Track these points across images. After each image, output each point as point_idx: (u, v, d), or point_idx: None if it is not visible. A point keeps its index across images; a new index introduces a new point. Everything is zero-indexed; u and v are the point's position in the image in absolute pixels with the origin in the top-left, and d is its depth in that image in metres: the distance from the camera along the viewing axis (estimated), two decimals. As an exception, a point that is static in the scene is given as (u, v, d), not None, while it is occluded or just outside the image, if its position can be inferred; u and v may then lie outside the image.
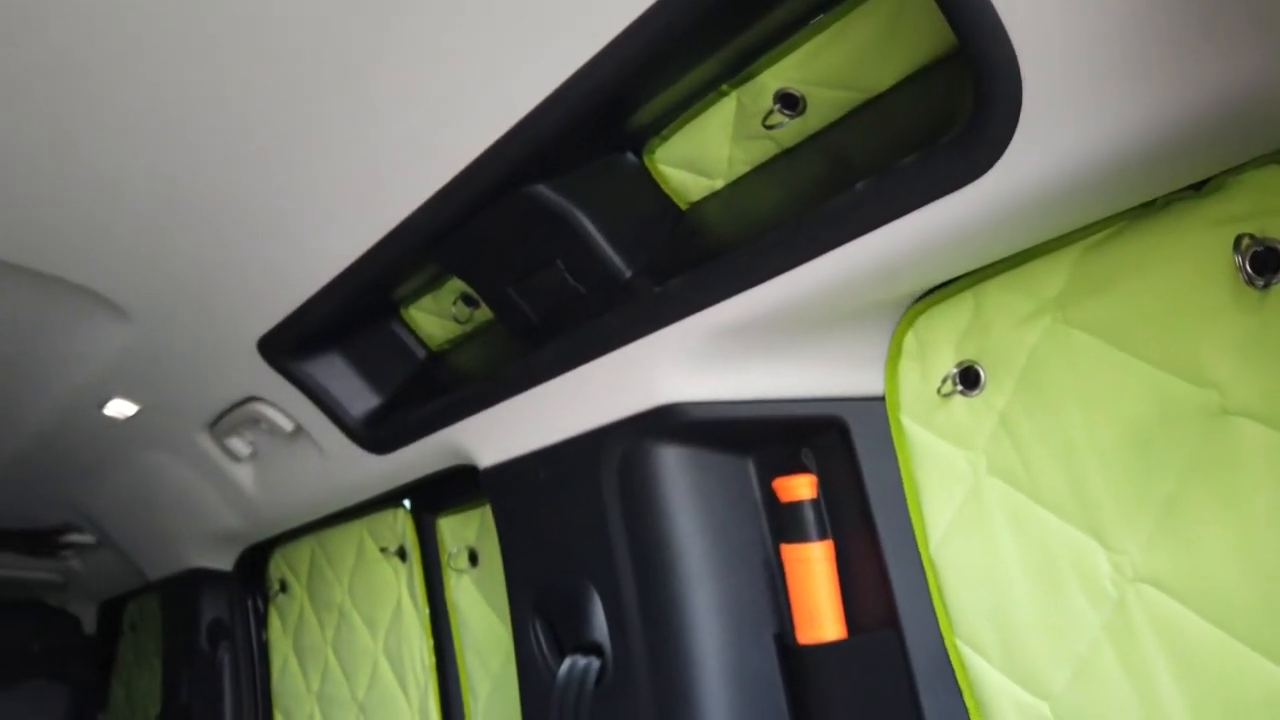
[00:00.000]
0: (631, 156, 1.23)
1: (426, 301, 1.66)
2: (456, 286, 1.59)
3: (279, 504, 2.16)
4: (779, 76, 1.07)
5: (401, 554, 2.04)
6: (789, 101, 1.08)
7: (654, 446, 1.21)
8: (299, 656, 2.46)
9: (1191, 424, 0.89)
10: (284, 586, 2.53)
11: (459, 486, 1.89)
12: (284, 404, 1.82)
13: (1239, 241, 0.83)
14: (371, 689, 2.16)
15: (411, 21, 0.93)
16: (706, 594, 1.19)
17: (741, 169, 1.17)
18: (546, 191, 1.16)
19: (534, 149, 1.06)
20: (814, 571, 1.16)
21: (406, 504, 2.05)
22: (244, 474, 2.17)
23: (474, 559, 1.92)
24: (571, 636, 1.32)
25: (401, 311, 1.71)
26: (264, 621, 2.62)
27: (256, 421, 1.93)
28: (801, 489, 1.17)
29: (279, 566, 2.56)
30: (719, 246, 1.07)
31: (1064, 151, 0.77)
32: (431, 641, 1.97)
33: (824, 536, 1.17)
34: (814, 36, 1.03)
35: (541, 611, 1.38)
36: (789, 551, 1.18)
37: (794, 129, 1.10)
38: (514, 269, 1.29)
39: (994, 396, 1.05)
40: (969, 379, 1.07)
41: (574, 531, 1.32)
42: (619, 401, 1.23)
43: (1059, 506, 0.99)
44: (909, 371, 1.13)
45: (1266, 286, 0.83)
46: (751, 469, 1.26)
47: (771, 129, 1.10)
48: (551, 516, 1.36)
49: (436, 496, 1.98)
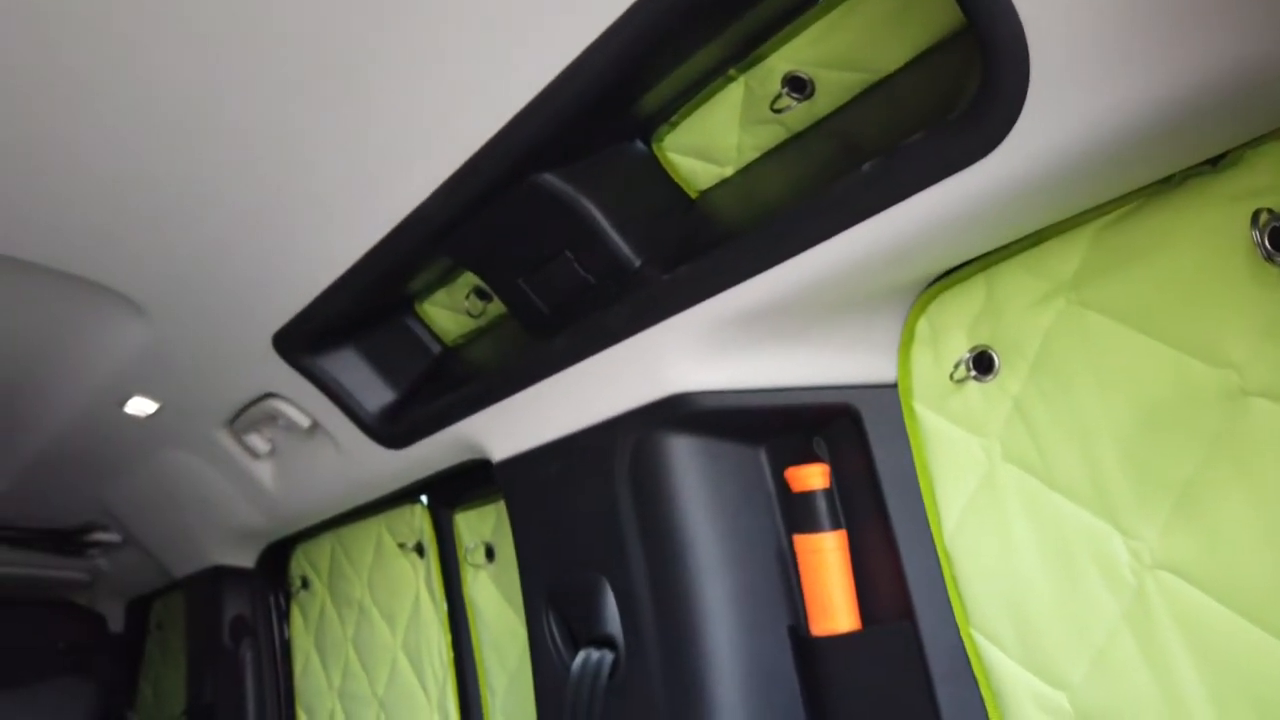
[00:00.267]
0: (640, 145, 1.22)
1: (440, 296, 1.66)
2: (469, 280, 1.59)
3: (298, 500, 2.17)
4: (786, 59, 1.06)
5: (419, 550, 2.04)
6: (797, 85, 1.06)
7: (665, 437, 1.20)
8: (320, 653, 2.47)
9: (1210, 406, 0.86)
10: (305, 583, 2.54)
11: (475, 481, 1.89)
12: (300, 400, 1.82)
13: (1257, 216, 0.80)
14: (391, 685, 2.16)
15: (410, 12, 0.93)
16: (719, 586, 1.17)
17: (751, 155, 1.15)
18: (554, 181, 1.15)
19: (539, 137, 1.06)
20: (827, 562, 1.14)
21: (424, 499, 2.05)
22: (263, 470, 2.18)
23: (490, 554, 1.92)
24: (585, 630, 1.31)
25: (416, 306, 1.70)
26: (286, 618, 2.63)
27: (274, 418, 1.94)
28: (813, 478, 1.16)
29: (300, 563, 2.57)
30: (728, 234, 1.06)
31: (1074, 126, 0.75)
32: (449, 637, 1.96)
33: (837, 526, 1.16)
34: (821, 17, 1.01)
35: (555, 605, 1.38)
36: (801, 542, 1.17)
37: (803, 113, 1.08)
38: (524, 260, 1.28)
39: (1008, 381, 1.03)
40: (983, 364, 1.05)
41: (586, 523, 1.31)
42: (630, 392, 1.22)
43: (1075, 492, 0.97)
44: (922, 357, 1.11)
45: (1286, 263, 0.81)
46: (764, 459, 1.25)
47: (779, 113, 1.08)
48: (564, 509, 1.35)
49: (453, 491, 1.98)
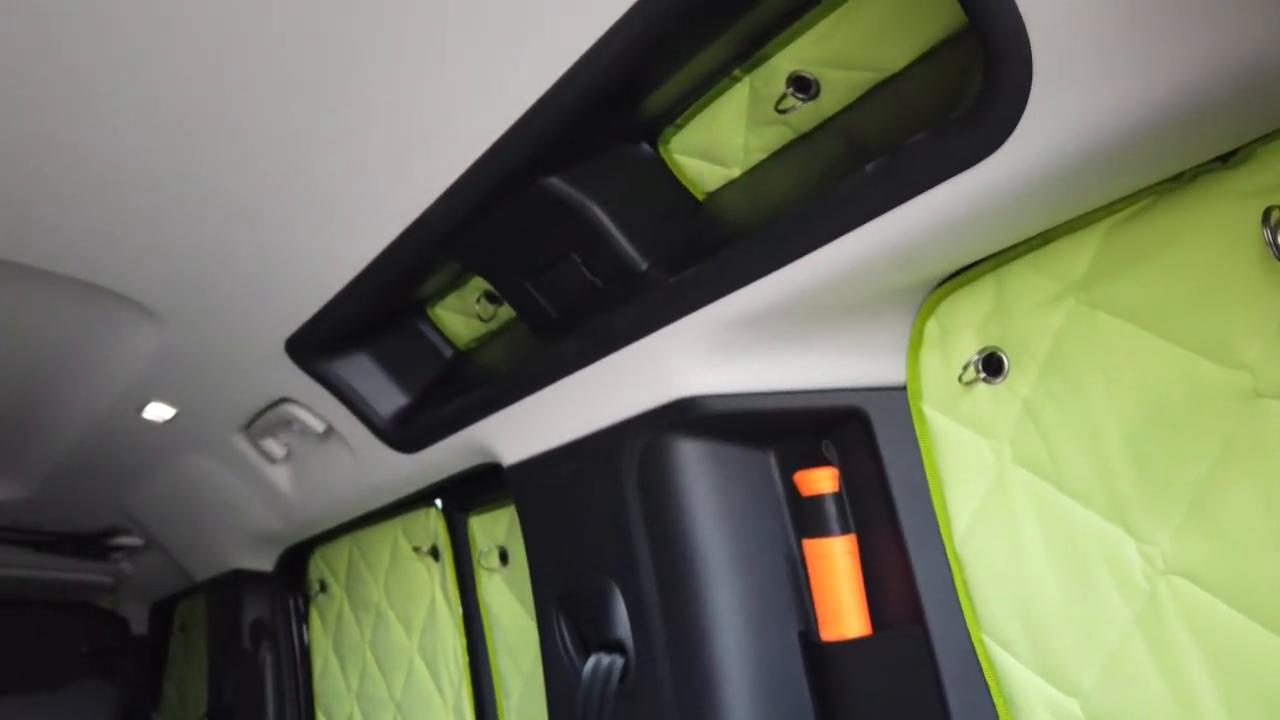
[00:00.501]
0: (646, 147, 1.21)
1: (452, 300, 1.66)
2: (479, 284, 1.59)
3: (314, 504, 2.18)
4: (791, 59, 1.05)
5: (434, 553, 2.05)
6: (801, 84, 1.05)
7: (673, 440, 1.20)
8: (339, 656, 2.48)
9: (1222, 407, 0.84)
10: (324, 586, 2.55)
11: (489, 485, 1.89)
12: (314, 405, 1.83)
13: (1269, 214, 0.78)
14: (408, 688, 2.16)
15: (411, 13, 0.92)
16: (728, 591, 1.16)
17: (758, 156, 1.15)
18: (560, 184, 1.15)
19: (544, 140, 1.05)
20: (836, 566, 1.13)
21: (438, 503, 2.06)
22: (280, 475, 2.20)
23: (504, 558, 1.92)
24: (595, 634, 1.30)
25: (428, 311, 1.71)
26: (305, 621, 2.64)
27: (289, 423, 1.95)
28: (822, 482, 1.15)
29: (318, 567, 2.59)
30: (734, 236, 1.05)
31: (1079, 124, 0.73)
32: (464, 640, 1.97)
33: (846, 530, 1.14)
34: (825, 16, 1.00)
35: (565, 609, 1.37)
36: (811, 546, 1.16)
37: (809, 113, 1.08)
38: (531, 264, 1.28)
39: (1018, 383, 1.01)
40: (992, 365, 1.04)
41: (596, 527, 1.30)
42: (637, 395, 1.22)
43: (1086, 496, 0.95)
44: (931, 359, 1.10)
45: (1299, 261, 0.79)
46: (773, 462, 1.24)
47: (784, 113, 1.08)
48: (573, 513, 1.35)
49: (467, 495, 1.99)
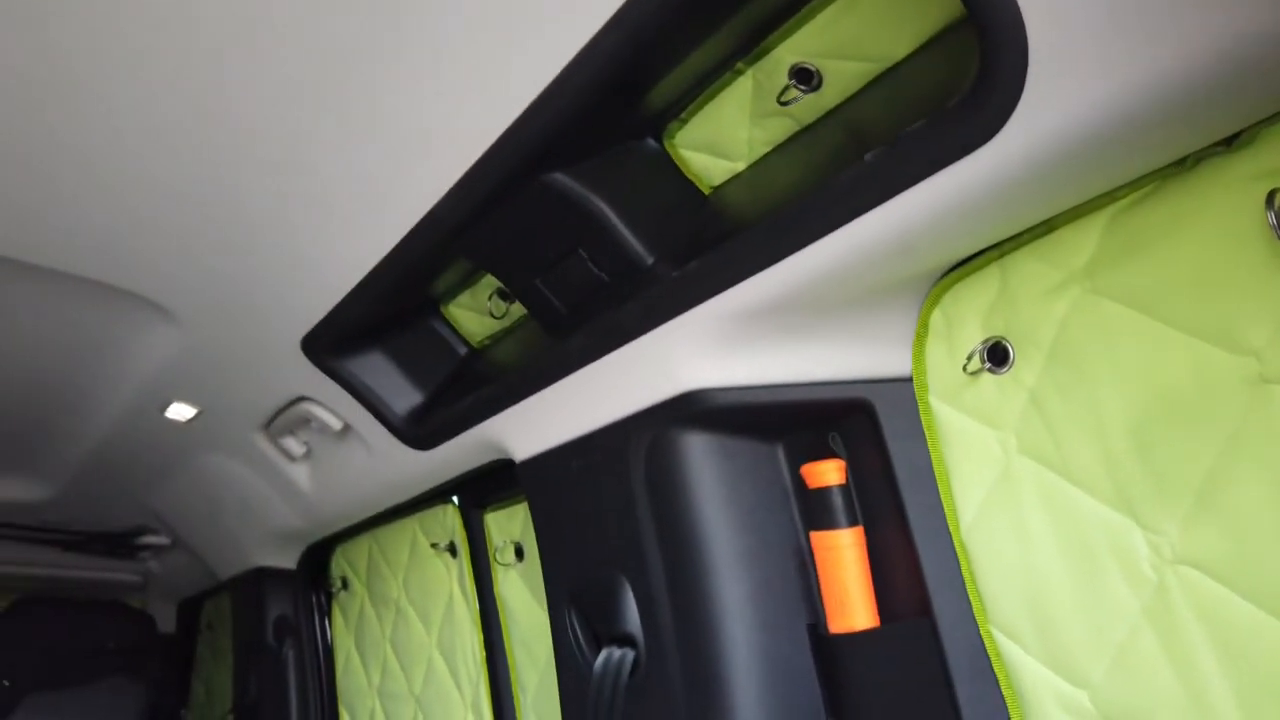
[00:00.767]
0: (652, 142, 1.21)
1: (465, 298, 1.67)
2: (491, 282, 1.60)
3: (334, 502, 2.20)
4: (793, 51, 1.05)
5: (452, 549, 2.06)
6: (803, 76, 1.05)
7: (680, 434, 1.20)
8: (360, 652, 2.50)
9: (1230, 394, 0.83)
10: (345, 583, 2.58)
11: (504, 481, 1.90)
12: (331, 403, 1.85)
13: (1272, 197, 0.77)
14: (427, 683, 2.18)
15: (410, 14, 0.93)
16: (737, 584, 1.16)
17: (762, 149, 1.14)
18: (564, 179, 1.15)
19: (547, 135, 1.05)
20: (844, 559, 1.12)
21: (455, 500, 2.07)
22: (300, 473, 2.22)
23: (519, 553, 1.93)
24: (606, 628, 1.31)
25: (443, 309, 1.72)
26: (328, 618, 2.67)
27: (307, 421, 1.97)
28: (829, 474, 1.14)
29: (340, 564, 2.61)
30: (737, 229, 1.05)
31: (1077, 109, 0.73)
32: (481, 636, 1.98)
33: (854, 523, 1.14)
34: (826, 7, 1.00)
35: (577, 603, 1.38)
36: (818, 539, 1.16)
37: (812, 105, 1.07)
38: (539, 260, 1.29)
39: (1023, 373, 1.01)
40: (997, 355, 1.03)
41: (605, 522, 1.31)
42: (644, 390, 1.22)
43: (1093, 486, 0.94)
44: (936, 350, 1.09)
45: (1303, 245, 0.77)
46: (780, 455, 1.24)
47: (786, 105, 1.07)
48: (584, 507, 1.35)
49: (482, 491, 1.99)
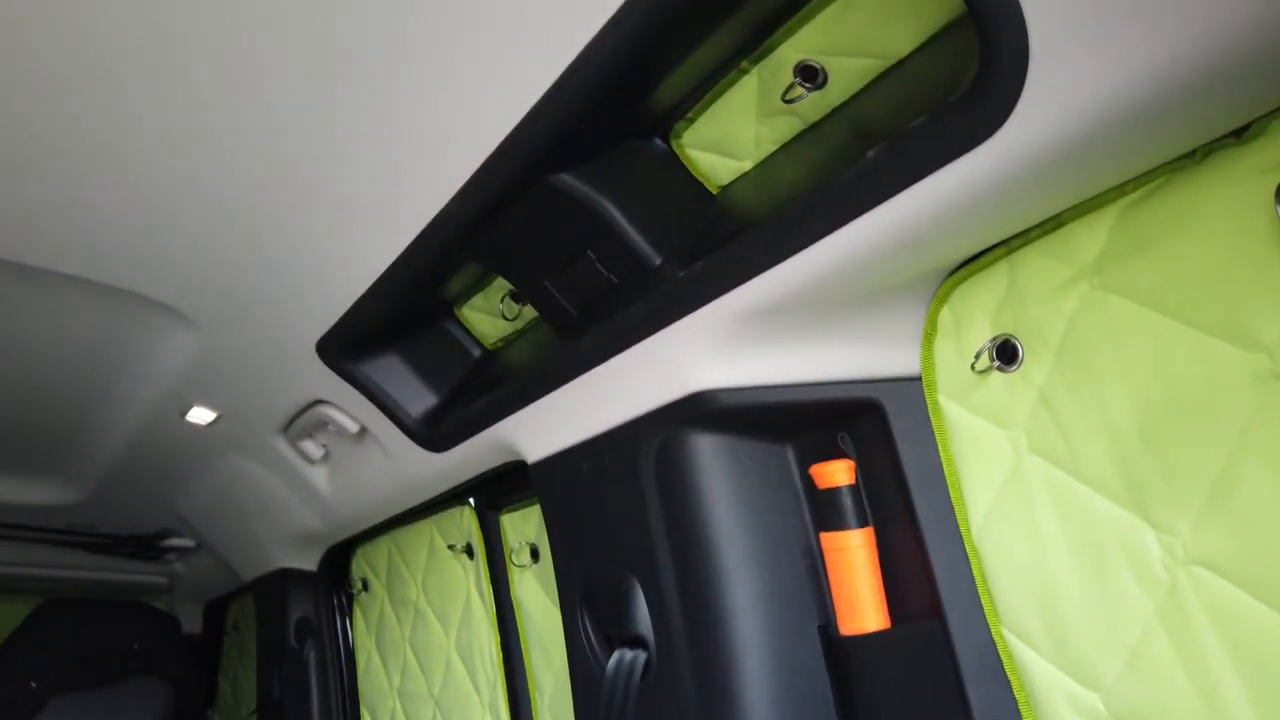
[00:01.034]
0: (659, 142, 1.21)
1: (478, 300, 1.67)
2: (504, 284, 1.60)
3: (352, 504, 2.21)
4: (797, 48, 1.04)
5: (469, 551, 2.06)
6: (808, 73, 1.04)
7: (689, 436, 1.19)
8: (381, 653, 2.51)
9: (1241, 391, 0.82)
10: (366, 585, 2.59)
11: (518, 483, 1.91)
12: (347, 406, 1.86)
13: (1281, 190, 0.76)
14: (446, 684, 2.19)
15: (415, 17, 0.93)
16: (747, 586, 1.16)
17: (769, 148, 1.14)
18: (572, 181, 1.15)
19: (552, 136, 1.05)
20: (854, 560, 1.12)
21: (471, 501, 2.07)
22: (319, 475, 2.23)
23: (535, 555, 1.93)
24: (618, 629, 1.31)
25: (457, 311, 1.72)
26: (349, 619, 2.68)
27: (325, 424, 1.98)
28: (839, 475, 1.13)
29: (360, 565, 2.63)
30: (743, 229, 1.04)
31: (1081, 102, 0.71)
32: (498, 638, 1.98)
33: (864, 524, 1.13)
34: (830, 3, 0.99)
35: (589, 605, 1.37)
36: (828, 540, 1.15)
37: (817, 102, 1.06)
38: (548, 262, 1.29)
39: (1032, 371, 0.99)
40: (1006, 353, 1.01)
41: (616, 524, 1.30)
42: (653, 391, 1.21)
43: (1104, 485, 0.93)
44: (945, 348, 1.08)
45: (1315, 238, 0.76)
46: (790, 456, 1.23)
47: (792, 103, 1.06)
48: (595, 509, 1.35)
49: (498, 493, 2.00)
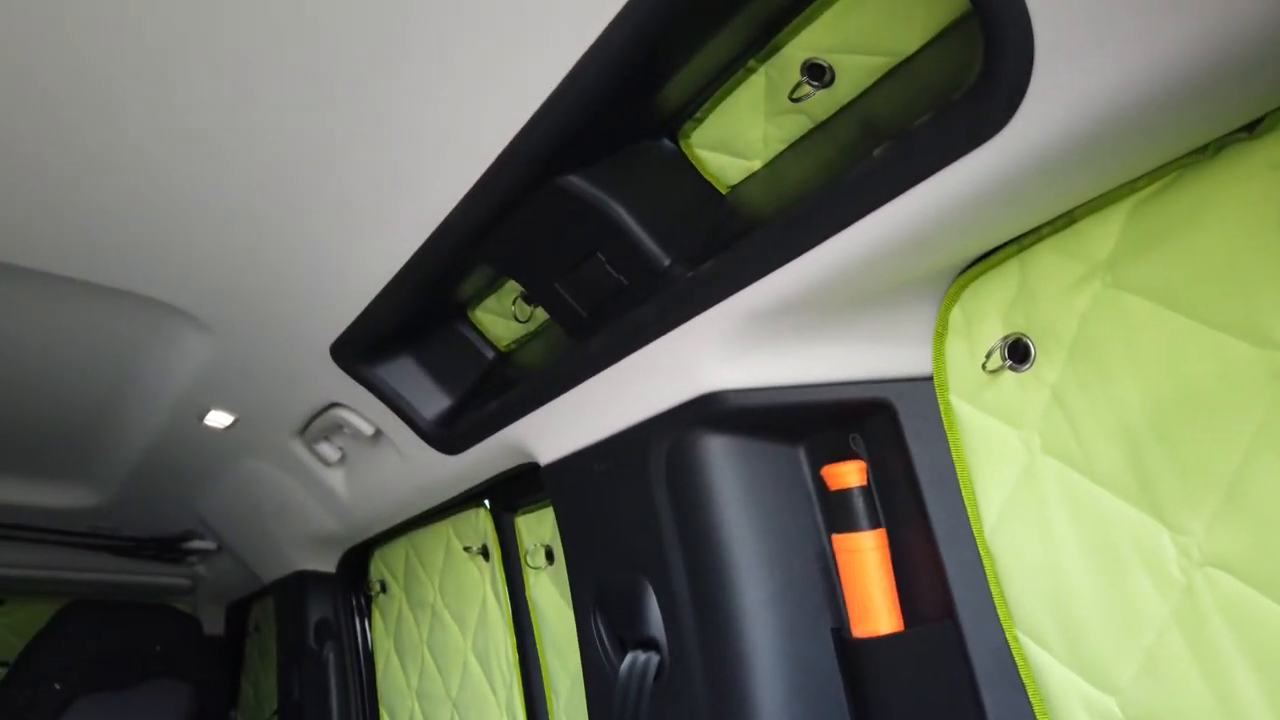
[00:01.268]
0: (668, 142, 1.20)
1: (490, 302, 1.68)
2: (515, 286, 1.60)
3: (368, 506, 2.22)
4: (804, 46, 1.03)
5: (484, 553, 2.07)
6: (815, 72, 1.03)
7: (700, 437, 1.19)
8: (399, 654, 2.52)
9: (1256, 389, 0.80)
10: (384, 587, 2.60)
11: (533, 484, 1.91)
12: (362, 409, 1.87)
13: (1295, 184, 0.75)
14: (463, 686, 2.19)
15: (421, 18, 0.94)
16: (759, 588, 1.15)
17: (777, 147, 1.13)
18: (579, 182, 1.15)
19: (559, 137, 1.05)
20: (866, 562, 1.11)
21: (486, 503, 2.08)
22: (335, 478, 2.24)
23: (550, 556, 1.93)
24: (631, 631, 1.30)
25: (469, 314, 1.72)
26: (368, 620, 2.70)
27: (341, 427, 1.99)
28: (850, 476, 1.12)
29: (378, 567, 2.64)
30: (751, 228, 1.04)
31: (1088, 97, 0.70)
32: (514, 639, 1.98)
33: (876, 525, 1.12)
34: (835, 2, 0.98)
35: (602, 607, 1.37)
36: (840, 541, 1.14)
37: (825, 101, 1.06)
38: (558, 264, 1.28)
39: (1044, 370, 0.98)
40: (1018, 352, 1.00)
41: (628, 525, 1.30)
42: (663, 392, 1.21)
43: (1118, 486, 0.92)
44: (956, 348, 1.07)
45: (1330, 233, 0.75)
46: (802, 457, 1.22)
47: (799, 101, 1.06)
48: (606, 511, 1.35)
49: (513, 494, 2.00)
